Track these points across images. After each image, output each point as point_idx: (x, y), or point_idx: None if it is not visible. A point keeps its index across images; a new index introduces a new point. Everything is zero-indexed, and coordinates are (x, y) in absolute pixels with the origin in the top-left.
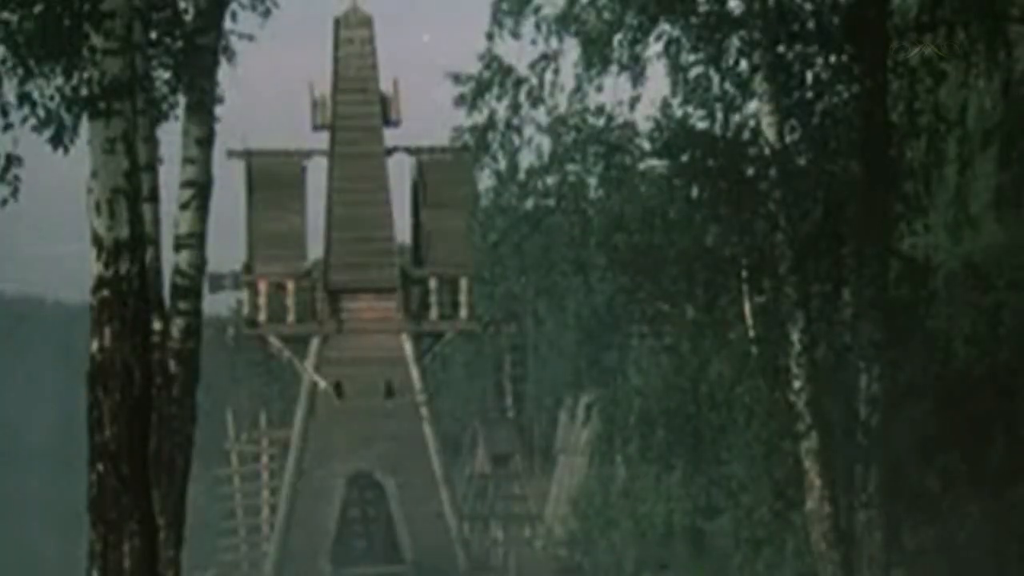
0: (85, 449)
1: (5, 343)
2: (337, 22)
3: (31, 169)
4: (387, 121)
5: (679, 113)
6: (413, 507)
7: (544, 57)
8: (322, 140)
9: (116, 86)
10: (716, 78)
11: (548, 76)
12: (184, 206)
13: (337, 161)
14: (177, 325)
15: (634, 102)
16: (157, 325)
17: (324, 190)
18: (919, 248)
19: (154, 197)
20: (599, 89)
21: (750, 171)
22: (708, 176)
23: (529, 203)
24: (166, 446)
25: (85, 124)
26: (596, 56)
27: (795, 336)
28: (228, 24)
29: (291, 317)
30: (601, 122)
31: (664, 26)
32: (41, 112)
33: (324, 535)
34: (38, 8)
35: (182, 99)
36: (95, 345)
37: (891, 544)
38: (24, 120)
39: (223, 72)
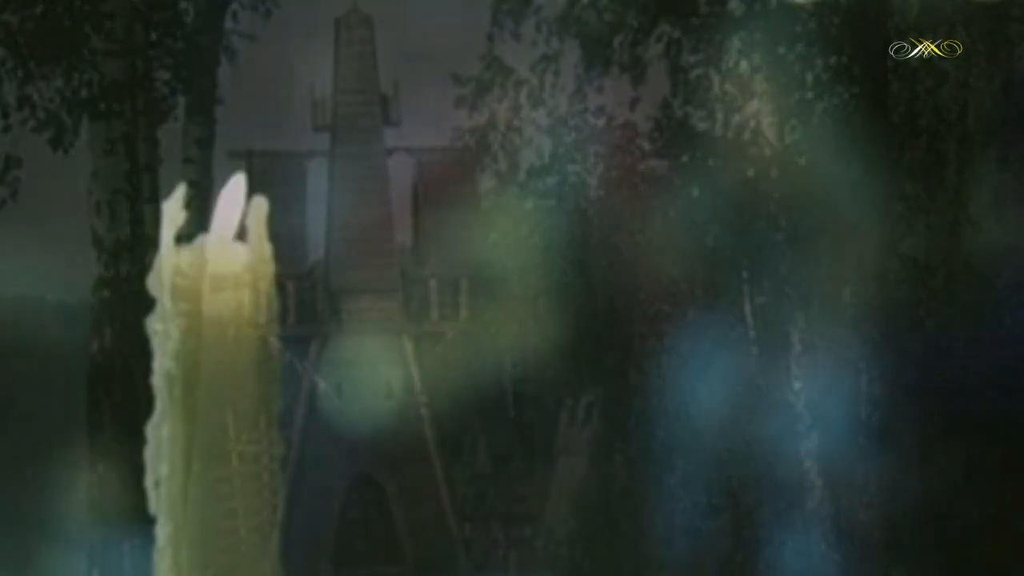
0: (85, 449)
1: (5, 343)
2: (337, 22)
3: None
4: (387, 121)
5: (679, 113)
6: (413, 508)
7: (544, 58)
8: (322, 140)
9: (116, 87)
10: (716, 78)
11: (549, 77)
12: (185, 206)
13: (337, 161)
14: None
15: (634, 103)
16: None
17: (324, 190)
18: (919, 248)
19: (154, 197)
20: (599, 90)
21: (750, 171)
22: (708, 176)
23: (529, 203)
24: None
25: (86, 125)
26: (597, 57)
27: (795, 336)
28: (229, 24)
29: (291, 318)
30: (601, 122)
31: (664, 27)
32: (41, 114)
33: (324, 536)
34: (38, 9)
35: (182, 99)
36: (95, 345)
37: (891, 544)
38: (24, 122)
39: (223, 72)
